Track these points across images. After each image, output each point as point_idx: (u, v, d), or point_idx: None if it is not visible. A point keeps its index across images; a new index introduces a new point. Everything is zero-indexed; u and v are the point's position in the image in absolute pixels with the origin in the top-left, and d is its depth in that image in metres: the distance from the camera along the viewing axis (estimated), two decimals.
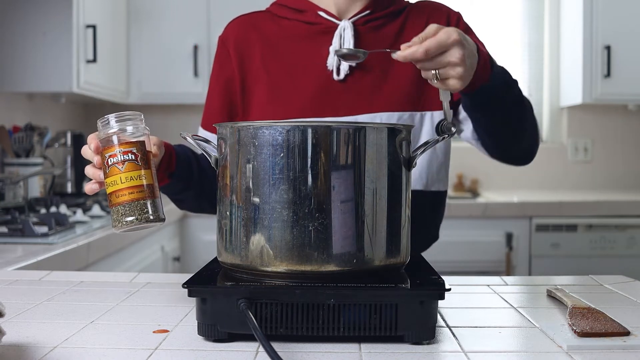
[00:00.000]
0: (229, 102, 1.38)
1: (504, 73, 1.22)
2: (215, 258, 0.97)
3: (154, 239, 2.62)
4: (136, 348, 0.81)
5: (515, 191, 3.63)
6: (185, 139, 0.98)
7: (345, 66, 1.30)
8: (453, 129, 1.26)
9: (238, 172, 0.87)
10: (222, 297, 0.82)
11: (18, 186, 2.22)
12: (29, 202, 2.32)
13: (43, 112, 3.09)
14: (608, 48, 3.36)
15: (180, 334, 0.87)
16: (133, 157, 0.95)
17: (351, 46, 1.31)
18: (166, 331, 0.88)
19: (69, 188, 2.98)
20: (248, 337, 0.82)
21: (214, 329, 0.83)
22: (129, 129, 0.96)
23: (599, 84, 3.38)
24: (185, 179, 1.23)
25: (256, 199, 0.85)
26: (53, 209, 2.25)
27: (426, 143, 0.92)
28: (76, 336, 0.86)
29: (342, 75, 1.30)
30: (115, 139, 0.95)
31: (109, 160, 0.95)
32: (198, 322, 0.84)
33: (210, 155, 0.94)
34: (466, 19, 1.41)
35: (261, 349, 0.80)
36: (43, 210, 2.23)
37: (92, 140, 0.98)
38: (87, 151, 1.01)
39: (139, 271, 2.27)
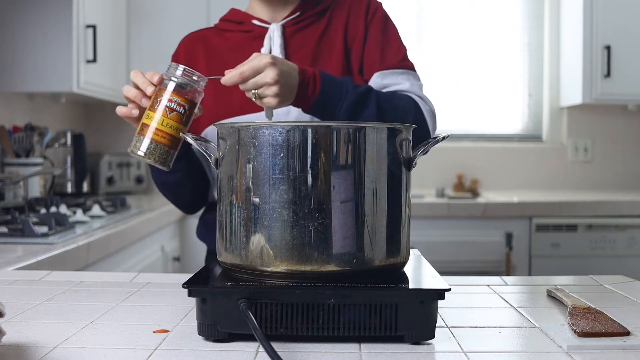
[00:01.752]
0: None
1: (341, 90, 1.32)
2: (215, 258, 0.97)
3: (154, 239, 2.62)
4: (136, 348, 0.81)
5: (515, 191, 3.63)
6: (186, 138, 0.98)
7: None
8: None
9: (238, 172, 0.87)
10: (222, 297, 0.82)
11: (18, 186, 2.22)
12: (29, 202, 2.32)
13: (43, 112, 3.09)
14: (608, 48, 3.36)
15: (180, 334, 0.87)
16: (182, 111, 1.07)
17: (278, 46, 1.44)
18: (166, 331, 0.88)
19: (69, 188, 2.98)
20: (248, 337, 0.82)
21: (214, 329, 0.83)
22: (193, 86, 1.09)
23: (599, 84, 3.38)
24: (181, 158, 1.36)
25: (256, 199, 0.85)
26: (53, 209, 2.25)
27: (426, 143, 0.93)
28: (76, 336, 0.86)
29: None
30: (178, 88, 1.08)
31: (163, 99, 1.07)
32: (198, 322, 0.84)
33: (210, 156, 0.94)
34: (388, 8, 1.54)
35: (261, 349, 0.80)
36: (43, 210, 2.23)
37: (155, 74, 1.11)
38: (139, 77, 1.14)
39: (139, 271, 2.27)
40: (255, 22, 1.48)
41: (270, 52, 1.43)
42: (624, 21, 3.38)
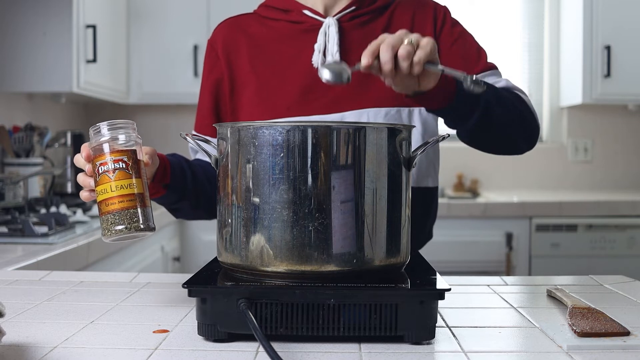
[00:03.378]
0: (217, 105, 1.39)
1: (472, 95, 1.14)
2: (215, 258, 0.97)
3: (154, 239, 2.62)
4: (136, 348, 0.81)
5: (515, 191, 3.63)
6: (186, 138, 0.98)
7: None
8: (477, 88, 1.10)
9: (238, 172, 0.87)
10: (222, 297, 0.82)
11: (18, 186, 2.22)
12: (29, 202, 2.32)
13: (43, 112, 3.09)
14: (608, 48, 3.36)
15: (180, 334, 0.87)
16: (124, 166, 0.94)
17: (335, 44, 1.31)
18: (166, 331, 0.88)
19: (69, 188, 2.98)
20: (248, 337, 0.82)
21: (214, 329, 0.83)
22: (121, 137, 0.96)
23: (599, 84, 3.38)
24: (180, 190, 1.22)
25: (256, 199, 0.85)
26: (53, 209, 2.25)
27: (426, 143, 0.93)
28: (76, 336, 0.86)
29: None
30: (106, 147, 0.95)
31: (99, 168, 0.95)
32: (198, 322, 0.84)
33: (210, 155, 0.94)
34: (455, 15, 1.42)
35: (261, 349, 0.80)
36: (43, 210, 2.23)
37: (84, 148, 0.98)
38: (79, 160, 1.00)
39: (139, 271, 2.27)
40: (307, 12, 1.35)
41: (325, 49, 1.31)
42: (624, 21, 3.38)
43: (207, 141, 0.97)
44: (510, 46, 3.83)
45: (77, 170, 1.03)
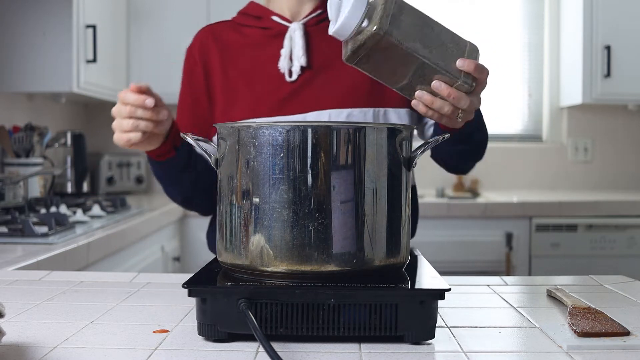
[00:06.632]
0: (196, 113, 1.45)
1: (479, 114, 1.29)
2: (215, 258, 0.97)
3: (154, 239, 2.62)
4: (136, 348, 0.81)
5: (515, 191, 3.63)
6: (186, 138, 0.98)
7: (297, 68, 1.34)
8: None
9: (238, 172, 0.87)
10: (222, 297, 0.82)
11: (18, 186, 2.22)
12: (29, 202, 2.32)
13: (43, 112, 3.09)
14: (608, 48, 3.36)
15: (180, 334, 0.87)
16: None
17: (300, 48, 1.34)
18: (166, 331, 0.88)
19: (69, 188, 2.98)
20: (248, 337, 0.82)
21: (214, 329, 0.83)
22: None
23: (598, 84, 3.38)
24: (186, 157, 1.30)
25: (256, 199, 0.85)
26: (53, 209, 2.25)
27: (426, 143, 0.93)
28: (76, 336, 0.86)
29: (294, 77, 1.34)
30: None
31: None
32: (198, 322, 0.84)
33: (210, 155, 0.95)
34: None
35: (261, 349, 0.80)
36: (43, 210, 2.23)
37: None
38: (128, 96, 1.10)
39: (139, 271, 2.27)
40: (275, 18, 1.39)
41: (291, 54, 1.35)
42: (624, 21, 3.38)
43: (207, 141, 0.97)
44: (510, 46, 3.83)
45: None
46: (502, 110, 3.84)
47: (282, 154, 0.84)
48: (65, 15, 2.61)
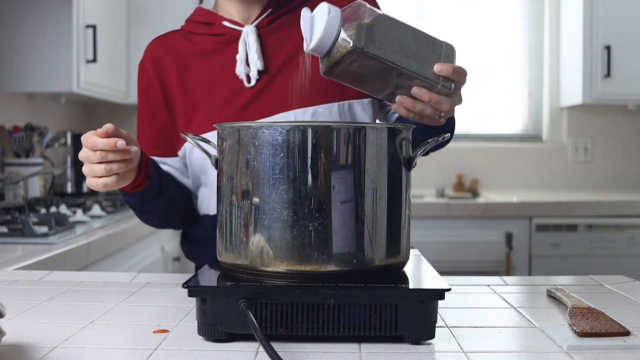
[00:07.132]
0: (156, 128, 1.39)
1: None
2: (215, 258, 0.97)
3: (154, 239, 2.62)
4: (136, 348, 0.81)
5: (515, 191, 3.63)
6: (186, 138, 0.98)
7: (254, 72, 1.32)
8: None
9: (238, 172, 0.87)
10: (222, 297, 0.82)
11: (18, 186, 2.22)
12: (29, 202, 2.32)
13: (43, 112, 3.09)
14: (608, 48, 3.36)
15: (180, 334, 0.87)
16: None
17: (255, 51, 1.31)
18: (166, 331, 0.88)
19: (69, 188, 2.97)
20: (248, 337, 0.82)
21: (214, 329, 0.83)
22: None
23: (598, 84, 3.38)
24: (158, 183, 1.27)
25: (256, 199, 0.85)
26: (53, 209, 2.25)
27: (426, 143, 0.93)
28: (76, 336, 0.86)
29: (253, 82, 1.32)
30: None
31: None
32: (198, 322, 0.84)
33: (210, 155, 0.94)
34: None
35: (261, 349, 0.80)
36: (43, 210, 2.23)
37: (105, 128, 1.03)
38: (96, 141, 1.03)
39: (139, 271, 2.27)
40: (226, 23, 1.35)
41: (247, 57, 1.32)
42: (624, 21, 3.38)
43: (207, 141, 0.97)
44: (510, 46, 3.83)
45: (78, 169, 1.04)
46: (502, 110, 3.84)
47: (282, 154, 0.84)
48: (65, 15, 2.60)
